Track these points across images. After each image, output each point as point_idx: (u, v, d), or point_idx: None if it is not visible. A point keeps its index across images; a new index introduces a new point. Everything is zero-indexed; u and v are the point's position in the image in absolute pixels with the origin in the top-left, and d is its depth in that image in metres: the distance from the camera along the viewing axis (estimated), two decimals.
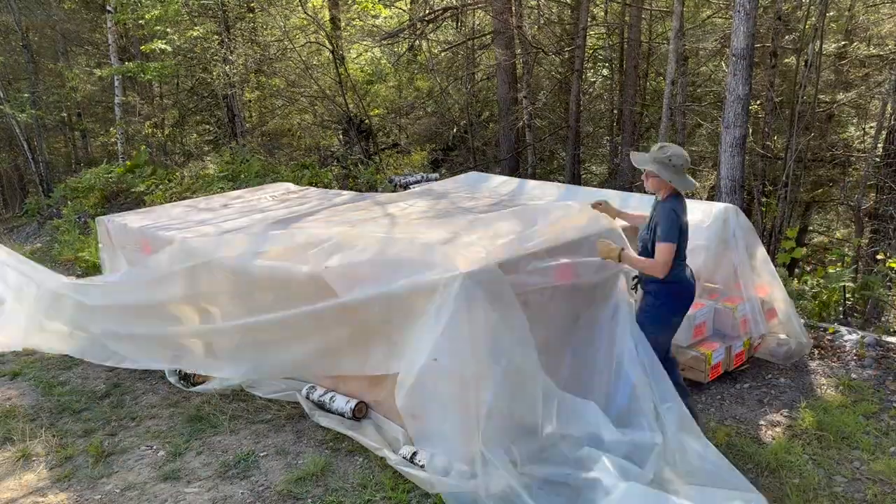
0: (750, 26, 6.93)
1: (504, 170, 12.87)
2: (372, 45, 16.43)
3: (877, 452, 4.00)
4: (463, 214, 4.94)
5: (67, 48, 18.32)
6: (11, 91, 16.27)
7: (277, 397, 4.84)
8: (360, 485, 3.78)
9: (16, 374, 5.66)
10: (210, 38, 13.45)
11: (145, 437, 4.49)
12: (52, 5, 16.81)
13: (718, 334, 4.99)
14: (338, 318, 4.09)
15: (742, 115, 7.14)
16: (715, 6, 12.72)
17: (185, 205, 6.77)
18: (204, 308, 4.90)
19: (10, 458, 4.32)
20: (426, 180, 10.20)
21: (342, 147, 14.12)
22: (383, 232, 4.60)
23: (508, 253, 3.84)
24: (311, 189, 7.25)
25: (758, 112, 11.25)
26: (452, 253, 3.77)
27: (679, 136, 10.90)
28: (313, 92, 14.05)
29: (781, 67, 11.18)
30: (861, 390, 4.76)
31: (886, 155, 10.66)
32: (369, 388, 4.37)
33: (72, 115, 17.96)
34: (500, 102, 13.49)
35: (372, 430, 4.21)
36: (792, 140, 9.40)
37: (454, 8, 14.92)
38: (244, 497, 3.75)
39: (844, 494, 3.58)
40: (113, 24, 14.43)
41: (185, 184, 12.02)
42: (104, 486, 3.96)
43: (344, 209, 5.76)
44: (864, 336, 5.53)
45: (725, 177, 7.32)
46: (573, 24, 13.23)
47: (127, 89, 15.72)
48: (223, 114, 14.71)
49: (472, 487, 3.52)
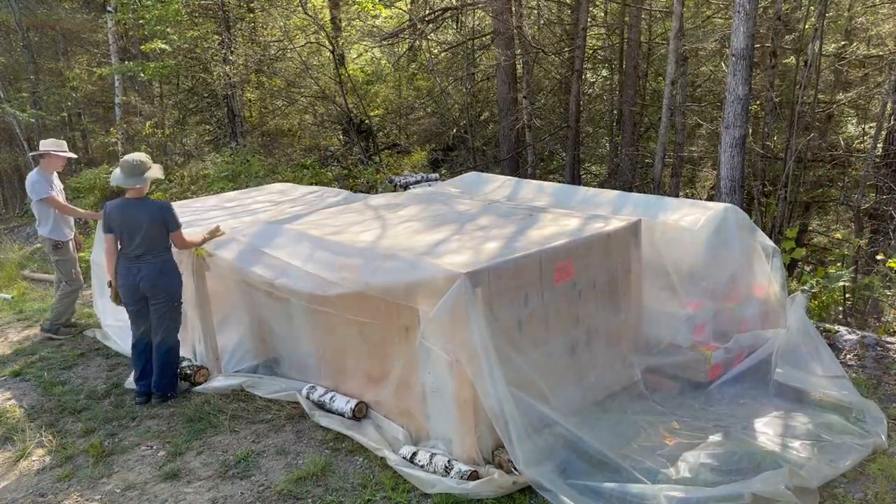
0: (750, 26, 6.93)
1: (504, 170, 12.86)
2: (372, 46, 16.43)
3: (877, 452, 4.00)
4: (457, 218, 4.93)
5: (68, 48, 18.31)
6: (11, 91, 16.27)
7: (277, 397, 4.84)
8: (360, 485, 3.78)
9: (16, 373, 5.67)
10: (210, 38, 13.44)
11: (145, 436, 4.49)
12: (53, 4, 16.81)
13: (719, 334, 4.98)
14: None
15: (742, 115, 7.14)
16: (715, 6, 12.71)
17: (178, 205, 6.78)
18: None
19: (10, 458, 4.32)
20: (426, 180, 10.19)
21: (342, 147, 14.11)
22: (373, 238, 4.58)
23: (504, 255, 3.85)
24: (303, 188, 7.22)
25: (758, 112, 11.26)
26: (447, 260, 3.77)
27: (679, 136, 10.90)
28: (313, 92, 14.04)
29: (781, 67, 11.18)
30: (861, 390, 4.75)
31: (886, 155, 10.66)
32: (369, 387, 4.38)
33: (72, 115, 17.95)
34: (499, 103, 13.49)
35: (372, 430, 4.21)
36: (791, 140, 9.40)
37: (454, 8, 14.92)
38: (244, 497, 3.75)
39: (844, 494, 3.58)
40: (113, 24, 14.42)
41: (184, 184, 12.01)
42: (104, 485, 3.96)
43: (336, 212, 5.71)
44: (864, 336, 5.53)
45: (725, 177, 7.32)
46: (573, 25, 13.22)
47: (127, 89, 15.71)
48: (223, 114, 14.70)
49: (472, 487, 3.52)
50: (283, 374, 5.15)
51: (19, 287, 8.56)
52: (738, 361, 4.94)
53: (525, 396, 3.73)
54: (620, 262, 4.43)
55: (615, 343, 4.46)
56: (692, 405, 4.48)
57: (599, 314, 4.32)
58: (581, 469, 3.67)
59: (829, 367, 4.60)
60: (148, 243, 4.78)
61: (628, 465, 3.65)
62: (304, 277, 4.33)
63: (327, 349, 4.65)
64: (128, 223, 4.77)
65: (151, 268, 4.82)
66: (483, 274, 3.61)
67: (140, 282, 4.82)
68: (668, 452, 3.84)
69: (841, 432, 4.03)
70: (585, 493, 3.47)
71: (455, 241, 4.22)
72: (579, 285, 4.15)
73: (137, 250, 4.79)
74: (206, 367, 5.27)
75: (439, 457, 3.77)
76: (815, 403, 4.40)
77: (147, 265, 4.81)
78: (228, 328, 5.47)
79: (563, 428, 3.79)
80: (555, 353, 4.07)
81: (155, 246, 4.82)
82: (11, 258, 10.19)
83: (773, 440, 3.98)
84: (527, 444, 3.59)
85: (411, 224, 4.81)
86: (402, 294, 3.80)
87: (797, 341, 4.69)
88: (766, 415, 4.29)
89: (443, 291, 3.54)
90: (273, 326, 5.09)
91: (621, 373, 4.49)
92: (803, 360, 4.67)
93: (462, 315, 3.52)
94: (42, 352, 6.17)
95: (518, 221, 4.63)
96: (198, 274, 5.19)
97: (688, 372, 4.69)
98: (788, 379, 4.59)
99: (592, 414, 4.17)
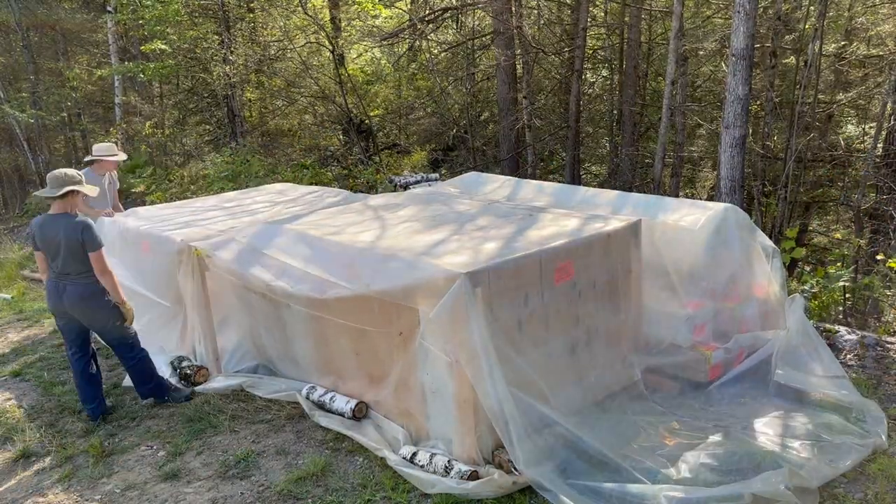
0: (750, 26, 6.93)
1: (504, 170, 12.86)
2: (372, 46, 16.42)
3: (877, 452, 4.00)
4: (457, 218, 4.93)
5: (67, 48, 18.32)
6: (11, 91, 16.27)
7: (277, 397, 4.84)
8: (360, 485, 3.78)
9: (16, 373, 5.67)
10: (210, 38, 13.44)
11: (145, 436, 4.49)
12: (53, 4, 16.81)
13: (719, 334, 4.98)
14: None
15: (742, 115, 7.14)
16: (715, 6, 12.71)
17: (175, 205, 6.81)
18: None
19: (10, 458, 4.32)
20: (426, 181, 10.19)
21: (342, 147, 14.12)
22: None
23: (504, 255, 3.85)
24: (303, 188, 7.22)
25: (758, 112, 11.25)
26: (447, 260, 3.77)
27: (679, 136, 10.90)
28: (313, 92, 14.04)
29: (781, 67, 11.18)
30: (861, 390, 4.75)
31: (886, 155, 10.66)
32: (369, 388, 4.38)
33: (72, 115, 17.95)
34: (499, 103, 13.49)
35: (372, 430, 4.21)
36: (791, 140, 9.40)
37: (454, 8, 14.92)
38: (244, 497, 3.75)
39: (844, 494, 3.58)
40: (113, 24, 14.43)
41: (184, 184, 12.01)
42: (104, 485, 3.96)
43: (334, 212, 5.71)
44: (864, 336, 5.53)
45: (725, 177, 7.32)
46: (573, 25, 13.22)
47: (127, 89, 15.73)
48: (223, 114, 14.70)
49: (472, 487, 3.52)
50: (282, 374, 5.15)
51: (19, 287, 8.56)
52: (738, 362, 4.94)
53: (525, 396, 3.72)
54: (620, 262, 4.43)
55: (615, 343, 4.46)
56: (692, 405, 4.48)
57: (599, 314, 4.32)
58: (581, 469, 3.67)
59: (828, 368, 4.60)
60: (70, 263, 4.48)
61: (628, 465, 3.65)
62: (303, 278, 4.33)
63: (327, 349, 4.65)
64: (46, 240, 4.51)
65: (74, 289, 4.53)
66: (483, 274, 3.61)
67: (65, 302, 4.56)
68: (668, 452, 3.84)
69: (841, 432, 4.04)
70: (585, 493, 3.47)
71: (455, 242, 4.21)
72: (579, 285, 4.15)
73: (62, 269, 4.52)
74: (206, 367, 5.27)
75: (439, 457, 3.77)
76: (815, 403, 4.40)
77: (72, 285, 4.53)
78: (228, 328, 5.47)
79: (563, 428, 3.79)
80: (555, 353, 4.07)
81: (77, 267, 4.50)
82: (11, 258, 10.20)
83: (773, 440, 3.98)
84: (527, 444, 3.59)
85: (411, 224, 4.81)
86: (402, 294, 3.80)
87: (797, 342, 4.69)
88: (766, 415, 4.29)
89: (443, 292, 3.54)
90: (273, 326, 5.09)
91: (621, 373, 4.49)
92: (803, 360, 4.67)
93: (462, 315, 3.51)
94: (42, 352, 6.18)
95: (518, 221, 4.63)
96: (198, 274, 5.19)
97: (688, 372, 4.69)
98: (788, 380, 4.59)
99: (592, 414, 4.17)
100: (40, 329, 6.83)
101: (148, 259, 5.60)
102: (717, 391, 4.62)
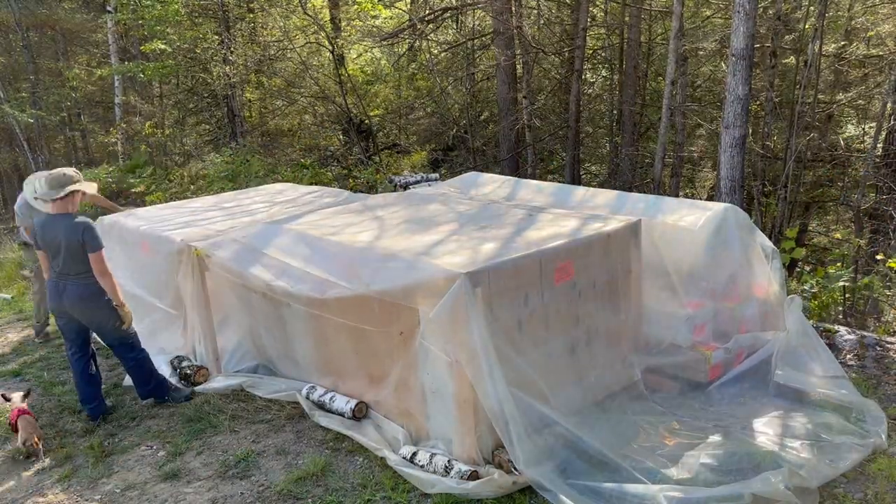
0: (750, 26, 6.93)
1: (504, 170, 12.86)
2: (372, 46, 16.43)
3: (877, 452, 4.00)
4: (457, 218, 4.93)
5: (67, 48, 18.33)
6: (11, 91, 16.28)
7: (277, 397, 4.84)
8: (360, 485, 3.78)
9: (16, 373, 5.67)
10: (210, 38, 13.44)
11: (145, 436, 4.49)
12: (53, 4, 16.82)
13: (719, 334, 4.98)
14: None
15: (742, 115, 7.14)
16: (715, 6, 12.72)
17: (175, 205, 6.81)
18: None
19: (10, 458, 4.32)
20: (426, 180, 10.19)
21: (342, 147, 14.12)
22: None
23: (503, 255, 3.85)
24: (303, 188, 7.22)
25: (758, 112, 11.26)
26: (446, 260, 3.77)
27: (679, 136, 10.91)
28: (313, 92, 14.05)
29: (781, 67, 11.19)
30: (861, 390, 4.75)
31: (886, 155, 10.66)
32: (369, 387, 4.38)
33: (72, 115, 17.96)
34: (499, 103, 13.49)
35: (372, 430, 4.21)
36: (791, 140, 9.40)
37: (454, 8, 14.93)
38: (244, 497, 3.75)
39: (844, 494, 3.58)
40: (113, 24, 14.44)
41: (184, 184, 12.02)
42: (104, 485, 3.96)
43: (334, 212, 5.70)
44: (864, 336, 5.53)
45: (725, 177, 7.33)
46: (573, 25, 13.22)
47: (127, 89, 15.73)
48: (223, 114, 14.71)
49: (472, 487, 3.52)
50: (282, 373, 5.15)
51: (19, 287, 8.57)
52: (738, 362, 4.94)
53: (525, 396, 3.72)
54: (620, 262, 4.43)
55: (615, 343, 4.46)
56: (692, 405, 4.48)
57: (599, 314, 4.32)
58: (581, 469, 3.67)
59: (828, 368, 4.60)
60: (70, 263, 4.47)
61: (628, 465, 3.64)
62: (303, 277, 4.33)
63: (327, 349, 4.65)
64: (48, 240, 4.51)
65: (74, 289, 4.51)
66: (483, 274, 3.61)
67: (65, 301, 4.55)
68: (668, 452, 3.84)
69: (841, 432, 4.03)
70: (585, 493, 3.47)
71: (454, 242, 4.21)
72: (579, 285, 4.15)
73: (62, 269, 4.51)
74: (206, 367, 5.27)
75: (439, 457, 3.77)
76: (815, 403, 4.40)
77: (72, 285, 4.51)
78: (228, 328, 5.47)
79: (563, 428, 3.79)
80: (555, 353, 4.07)
81: (77, 267, 4.48)
82: (11, 258, 10.19)
83: (773, 440, 3.98)
84: (527, 444, 3.58)
85: (411, 224, 4.81)
86: (402, 294, 3.80)
87: (796, 343, 4.69)
88: (765, 415, 4.29)
89: (443, 291, 3.54)
90: (273, 326, 5.09)
91: (621, 373, 4.49)
92: (802, 361, 4.67)
93: (462, 315, 3.51)
94: (42, 352, 6.18)
95: (518, 221, 4.63)
96: (197, 274, 5.18)
97: (688, 372, 4.69)
98: (788, 380, 4.59)
99: (592, 414, 4.16)
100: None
101: (147, 259, 5.60)
102: (717, 391, 4.61)
